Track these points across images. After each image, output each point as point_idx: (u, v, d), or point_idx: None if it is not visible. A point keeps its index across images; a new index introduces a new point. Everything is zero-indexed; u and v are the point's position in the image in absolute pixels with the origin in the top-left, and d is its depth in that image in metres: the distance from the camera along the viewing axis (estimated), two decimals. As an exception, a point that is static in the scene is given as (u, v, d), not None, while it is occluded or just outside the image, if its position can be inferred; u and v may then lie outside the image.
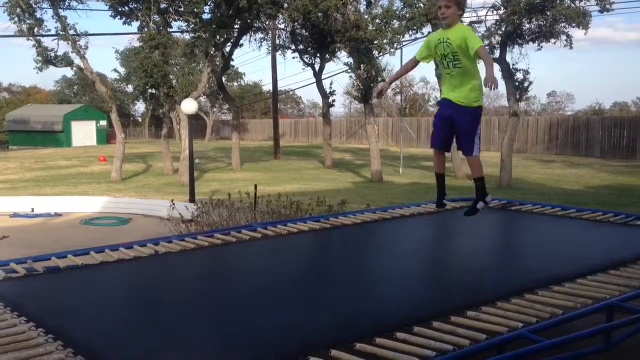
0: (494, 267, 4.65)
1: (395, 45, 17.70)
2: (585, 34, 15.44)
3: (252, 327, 3.23)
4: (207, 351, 2.96)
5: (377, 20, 17.22)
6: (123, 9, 18.14)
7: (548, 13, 15.02)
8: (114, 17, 18.34)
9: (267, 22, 21.49)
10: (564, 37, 15.66)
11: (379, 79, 18.61)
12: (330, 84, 42.74)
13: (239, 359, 2.81)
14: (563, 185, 16.11)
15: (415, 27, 16.77)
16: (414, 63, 4.85)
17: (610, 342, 3.39)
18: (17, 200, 13.31)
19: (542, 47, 16.05)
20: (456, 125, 4.56)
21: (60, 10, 17.73)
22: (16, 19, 17.26)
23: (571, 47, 15.89)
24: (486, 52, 4.38)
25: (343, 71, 24.14)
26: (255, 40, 22.84)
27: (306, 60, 23.43)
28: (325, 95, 23.20)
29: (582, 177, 18.26)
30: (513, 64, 16.01)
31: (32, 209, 12.50)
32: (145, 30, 18.03)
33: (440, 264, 4.92)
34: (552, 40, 15.72)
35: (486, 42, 16.25)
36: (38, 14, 17.59)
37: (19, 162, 27.10)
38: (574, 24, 15.10)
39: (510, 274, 4.34)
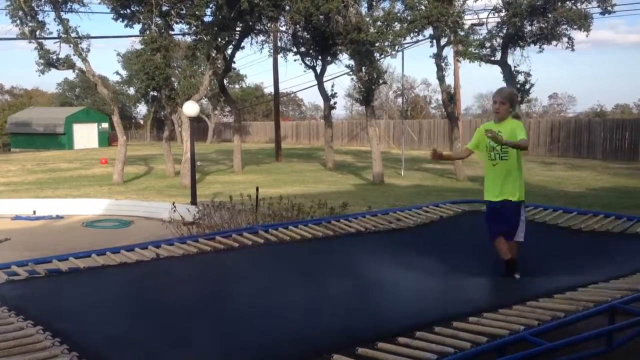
0: (496, 273, 4.64)
1: (396, 47, 17.72)
2: (586, 36, 15.47)
3: (254, 332, 3.23)
4: (209, 355, 2.96)
5: (379, 23, 17.21)
6: (125, 12, 18.18)
7: (549, 15, 15.04)
8: (116, 19, 18.38)
9: (268, 25, 21.50)
10: (565, 39, 15.69)
11: (381, 81, 18.61)
12: (332, 86, 42.56)
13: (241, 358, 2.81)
14: (565, 188, 16.09)
15: (416, 30, 16.76)
16: (468, 153, 5.20)
17: (612, 344, 3.39)
18: (19, 203, 13.32)
19: (543, 49, 16.10)
20: (501, 215, 4.78)
21: (62, 13, 17.76)
22: (18, 21, 17.29)
23: (573, 49, 15.92)
24: (524, 143, 4.62)
25: (344, 73, 24.20)
26: (256, 42, 22.82)
27: (308, 62, 23.45)
28: (326, 97, 23.21)
29: (584, 180, 18.23)
30: (514, 66, 16.04)
31: (34, 212, 12.51)
32: (147, 32, 18.06)
33: (442, 269, 4.90)
34: (554, 43, 15.74)
35: (487, 44, 16.28)
36: (40, 17, 17.64)
37: (21, 164, 27.14)
38: (575, 26, 15.11)
39: (512, 280, 4.34)
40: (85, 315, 3.50)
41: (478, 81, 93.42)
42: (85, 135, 43.88)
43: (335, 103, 23.51)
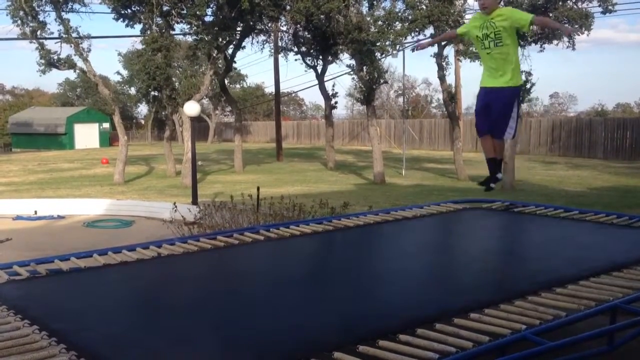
0: (497, 270, 4.64)
1: (397, 47, 17.70)
2: (587, 35, 15.44)
3: (255, 330, 3.23)
4: (210, 354, 2.96)
5: (380, 22, 17.21)
6: (126, 12, 18.19)
7: (550, 15, 15.01)
8: (117, 19, 18.40)
9: (269, 24, 21.51)
10: (566, 39, 15.64)
11: (381, 80, 18.60)
12: (333, 86, 42.65)
13: (240, 356, 2.81)
14: (566, 187, 16.08)
15: (417, 29, 16.75)
16: (454, 36, 5.26)
17: (613, 344, 3.39)
18: (20, 203, 13.34)
19: (544, 48, 16.05)
20: (492, 108, 4.70)
21: (63, 13, 17.77)
22: (19, 21, 17.31)
23: (574, 49, 15.88)
24: (543, 18, 4.74)
25: (345, 73, 24.23)
26: (257, 42, 22.84)
27: (308, 62, 23.46)
28: (327, 97, 23.21)
29: (585, 179, 18.23)
30: (515, 66, 15.99)
31: (35, 212, 12.52)
32: (148, 32, 18.08)
33: (443, 266, 4.91)
34: (555, 42, 15.71)
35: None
36: (41, 17, 17.64)
37: (22, 164, 27.16)
38: (576, 25, 15.08)
39: (513, 276, 4.33)
40: (86, 315, 3.50)
41: (479, 80, 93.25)
42: (87, 135, 43.91)
43: (336, 103, 23.54)
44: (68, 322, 3.30)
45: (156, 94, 18.95)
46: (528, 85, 15.93)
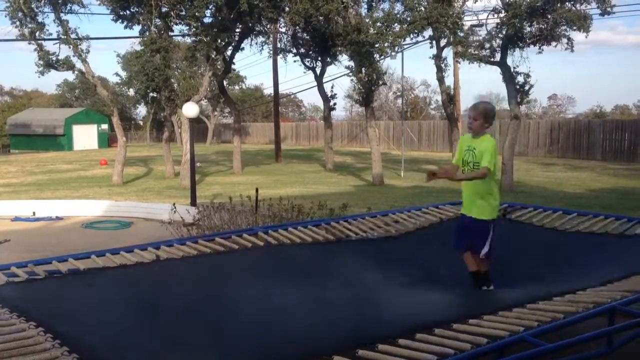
0: (496, 275, 4.63)
1: (396, 48, 17.72)
2: (586, 37, 15.45)
3: (254, 333, 3.23)
4: (209, 356, 2.95)
5: (379, 24, 17.22)
6: (124, 13, 18.19)
7: (549, 16, 15.03)
8: (116, 21, 18.40)
9: (268, 26, 21.51)
10: (565, 40, 15.65)
11: (380, 82, 18.60)
12: (332, 87, 42.79)
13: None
14: (565, 189, 16.09)
15: (416, 31, 16.77)
16: (457, 168, 4.95)
17: (612, 346, 3.39)
18: (18, 204, 13.31)
19: (543, 50, 16.06)
20: (471, 231, 4.69)
21: (61, 15, 17.76)
22: (18, 23, 17.30)
23: (572, 50, 15.89)
24: (480, 174, 4.51)
25: (344, 74, 24.18)
26: (256, 43, 22.84)
27: (307, 63, 23.46)
28: (326, 98, 23.21)
29: (584, 181, 18.24)
30: (514, 67, 16.02)
31: (34, 213, 12.51)
32: (147, 34, 18.08)
33: (443, 271, 4.90)
34: (553, 44, 15.72)
35: (487, 45, 16.27)
36: (40, 18, 17.65)
37: (21, 165, 27.13)
38: (575, 27, 15.09)
39: (512, 280, 4.34)
40: (85, 317, 3.50)
41: (478, 82, 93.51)
42: (85, 137, 43.89)
43: (335, 104, 23.54)
44: (68, 324, 3.30)
45: (155, 95, 18.94)
46: (526, 87, 15.95)
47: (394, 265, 4.92)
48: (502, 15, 15.97)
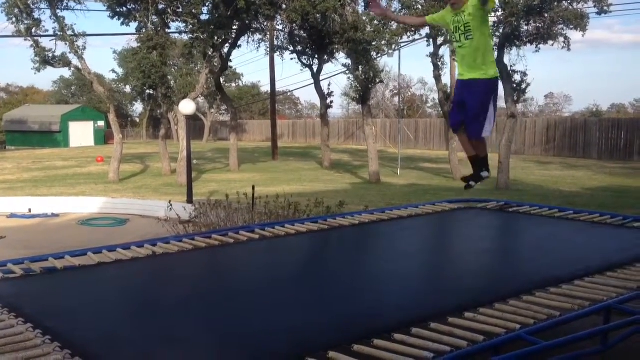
0: (492, 269, 4.65)
1: (393, 46, 17.73)
2: (583, 36, 15.49)
3: (250, 329, 3.23)
4: (205, 352, 2.95)
5: (376, 22, 17.23)
6: (121, 10, 18.13)
7: (546, 15, 15.06)
8: (112, 17, 18.34)
9: (265, 23, 21.48)
10: (561, 39, 15.70)
11: (377, 80, 18.61)
12: (329, 85, 42.71)
13: (235, 357, 2.81)
14: (561, 187, 16.13)
15: (413, 29, 16.78)
16: (422, 21, 4.96)
17: (607, 344, 3.40)
18: (14, 201, 13.29)
19: (540, 49, 16.10)
20: (466, 104, 4.49)
21: (58, 11, 17.72)
22: (14, 19, 17.24)
23: (569, 49, 15.93)
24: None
25: (341, 72, 24.25)
26: (253, 41, 22.81)
27: (304, 61, 23.45)
28: (323, 96, 23.21)
29: (580, 179, 18.29)
30: (511, 66, 16.05)
31: (30, 210, 12.48)
32: (144, 31, 18.03)
33: (438, 265, 4.92)
34: (550, 42, 15.76)
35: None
36: (36, 15, 17.58)
37: (17, 162, 27.06)
38: (571, 26, 15.13)
39: (507, 275, 4.34)
40: (80, 313, 3.49)
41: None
42: (81, 134, 43.74)
43: (331, 102, 23.54)
44: (63, 320, 3.30)
45: (151, 92, 18.91)
46: (523, 86, 15.98)
47: (388, 257, 4.92)
48: (499, 13, 15.99)
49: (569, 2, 15.22)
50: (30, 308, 3.45)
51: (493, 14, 16.32)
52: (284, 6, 18.71)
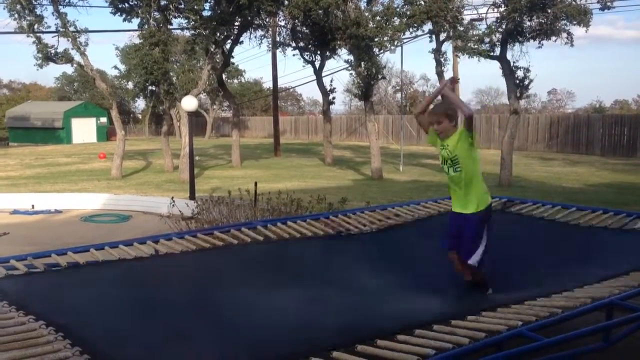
0: (496, 270, 4.63)
1: (395, 42, 17.67)
2: (586, 31, 15.43)
3: (253, 328, 3.23)
4: (209, 351, 2.96)
5: (378, 18, 17.19)
6: (123, 6, 18.12)
7: (549, 10, 15.00)
8: (114, 14, 18.32)
9: (267, 19, 21.46)
10: (564, 35, 15.64)
11: (379, 76, 18.57)
12: (331, 81, 42.72)
13: (239, 359, 2.81)
14: (564, 184, 16.10)
15: (415, 25, 16.74)
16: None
17: (609, 340, 3.40)
18: (17, 197, 13.31)
19: (542, 44, 16.05)
20: (461, 236, 4.35)
21: (60, 7, 17.71)
22: (16, 15, 17.24)
23: (572, 45, 15.87)
24: (463, 107, 4.23)
25: (343, 69, 24.16)
26: (255, 37, 22.78)
27: (306, 57, 23.41)
28: (325, 92, 23.18)
29: (583, 175, 18.25)
30: (514, 62, 16.01)
31: (33, 206, 12.50)
32: (146, 27, 18.01)
33: (442, 266, 4.90)
34: (553, 38, 15.70)
35: (487, 39, 16.23)
36: (38, 11, 17.57)
37: (19, 159, 27.10)
38: (575, 22, 15.07)
39: (511, 276, 4.34)
40: (84, 310, 3.50)
41: (477, 76, 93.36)
42: (84, 130, 43.79)
43: (334, 98, 23.50)
44: (69, 317, 3.29)
45: (154, 88, 18.89)
46: (526, 82, 15.93)
47: (392, 259, 4.92)
48: (502, 9, 15.95)
49: (572, -3, 15.17)
50: (36, 305, 3.45)
51: (496, 9, 16.32)
52: (286, 2, 18.68)
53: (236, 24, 19.70)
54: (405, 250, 5.29)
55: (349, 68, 18.84)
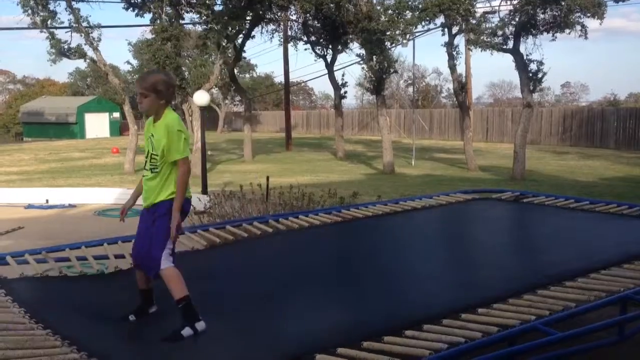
0: (506, 262, 4.62)
1: (407, 36, 17.57)
2: (600, 24, 15.26)
3: (260, 324, 3.23)
4: (218, 348, 2.97)
5: (390, 11, 17.09)
6: (136, 1, 18.19)
7: (563, 3, 14.85)
8: (127, 9, 18.40)
9: (279, 14, 21.43)
10: (578, 28, 15.47)
11: (391, 70, 18.49)
12: (343, 75, 42.50)
13: (247, 355, 2.82)
14: (577, 177, 15.97)
15: (428, 18, 16.63)
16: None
17: (623, 334, 3.37)
18: (31, 192, 13.41)
19: (556, 37, 15.90)
20: (148, 226, 3.48)
21: (73, 3, 17.79)
22: (30, 11, 17.36)
23: (586, 38, 15.71)
24: (180, 179, 3.36)
25: (355, 63, 24.11)
26: (267, 31, 22.81)
27: (318, 51, 23.37)
28: (337, 86, 23.13)
29: (597, 169, 18.09)
30: (527, 55, 15.87)
31: (47, 200, 12.60)
32: (158, 22, 18.07)
33: (452, 259, 4.89)
34: (567, 31, 15.54)
35: (499, 32, 16.10)
36: (51, 6, 17.66)
37: (34, 153, 27.34)
38: (589, 14, 14.91)
39: (522, 268, 4.31)
40: (96, 313, 3.52)
41: (490, 70, 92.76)
42: (97, 125, 44.07)
43: (345, 92, 23.46)
44: (79, 321, 3.30)
45: (166, 83, 18.93)
46: (539, 75, 15.80)
47: (401, 250, 4.91)
48: (515, 2, 15.81)
49: (586, -11, 14.99)
50: (44, 307, 3.46)
51: (509, 1, 16.17)
52: (297, -4, 18.64)
53: (248, 18, 19.69)
54: (415, 241, 5.28)
55: (361, 62, 18.79)
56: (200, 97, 12.91)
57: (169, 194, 3.39)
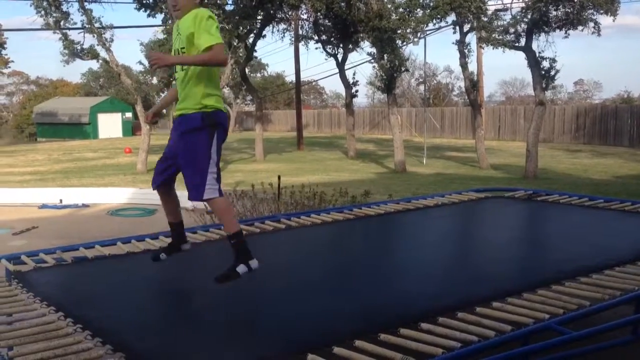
0: (520, 258, 4.60)
1: (418, 34, 17.54)
2: (613, 20, 15.13)
3: (276, 317, 3.25)
4: (232, 340, 2.99)
5: (401, 10, 17.07)
6: (147, 2, 18.28)
7: (575, 0, 14.74)
8: (139, 9, 18.50)
9: (289, 13, 21.44)
10: (591, 24, 15.35)
11: (402, 68, 18.46)
12: (354, 74, 42.44)
13: (262, 348, 2.83)
14: (591, 175, 15.85)
15: (439, 16, 16.59)
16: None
17: (638, 334, 3.35)
18: (45, 192, 13.54)
19: (569, 34, 15.78)
20: (177, 150, 3.35)
21: (86, 4, 17.91)
22: (43, 12, 17.49)
23: (599, 35, 15.57)
24: (208, 57, 3.10)
25: (366, 61, 24.14)
26: (278, 31, 22.81)
27: (329, 50, 23.36)
28: (348, 85, 23.12)
29: (611, 167, 17.94)
30: (539, 52, 15.78)
31: (61, 200, 12.71)
32: (170, 22, 18.15)
33: (465, 255, 4.89)
34: (580, 28, 15.43)
35: (511, 30, 16.01)
36: (64, 7, 17.80)
37: (47, 154, 27.57)
38: (602, 11, 14.79)
39: (536, 265, 4.29)
40: (110, 302, 3.56)
41: (502, 68, 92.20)
42: (110, 125, 44.38)
43: (356, 91, 23.43)
44: (93, 309, 3.35)
45: (178, 83, 19.03)
46: (552, 72, 15.70)
47: (416, 247, 4.90)
48: (527, -1, 15.71)
49: (599, -14, 14.87)
50: (61, 297, 3.52)
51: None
52: (308, -5, 18.64)
53: (259, 17, 19.74)
54: (428, 238, 5.27)
55: (372, 61, 18.76)
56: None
57: (200, 104, 3.08)
